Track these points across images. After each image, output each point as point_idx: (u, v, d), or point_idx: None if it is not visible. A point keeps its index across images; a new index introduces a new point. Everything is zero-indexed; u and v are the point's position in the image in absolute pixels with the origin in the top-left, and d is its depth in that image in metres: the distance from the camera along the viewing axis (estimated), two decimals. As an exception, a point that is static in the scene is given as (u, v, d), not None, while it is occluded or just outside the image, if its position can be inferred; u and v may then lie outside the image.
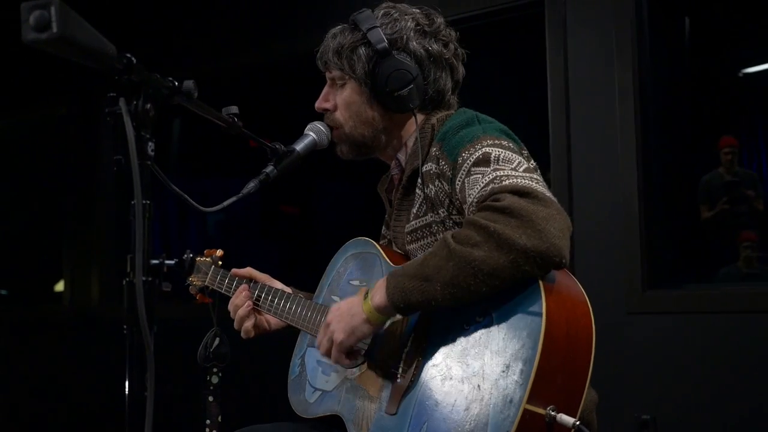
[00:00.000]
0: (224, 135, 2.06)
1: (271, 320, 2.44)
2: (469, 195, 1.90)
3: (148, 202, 1.50)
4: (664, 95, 3.86)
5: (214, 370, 2.44)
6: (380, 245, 2.22)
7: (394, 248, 2.26)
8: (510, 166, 1.88)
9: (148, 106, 1.51)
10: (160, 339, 1.49)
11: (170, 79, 1.62)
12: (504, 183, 1.81)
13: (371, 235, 2.31)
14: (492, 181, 1.85)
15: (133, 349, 1.48)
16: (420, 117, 2.21)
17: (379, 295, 1.88)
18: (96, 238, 5.73)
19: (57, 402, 5.84)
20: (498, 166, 1.88)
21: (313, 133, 2.26)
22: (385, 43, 2.14)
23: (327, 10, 4.52)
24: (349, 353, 2.02)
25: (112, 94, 1.50)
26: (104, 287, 5.67)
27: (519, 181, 1.81)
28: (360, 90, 2.21)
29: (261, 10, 4.99)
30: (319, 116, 2.31)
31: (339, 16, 2.31)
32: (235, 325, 2.40)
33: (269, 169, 2.16)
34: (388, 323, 1.99)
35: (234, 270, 2.49)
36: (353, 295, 2.06)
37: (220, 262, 2.54)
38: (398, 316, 1.96)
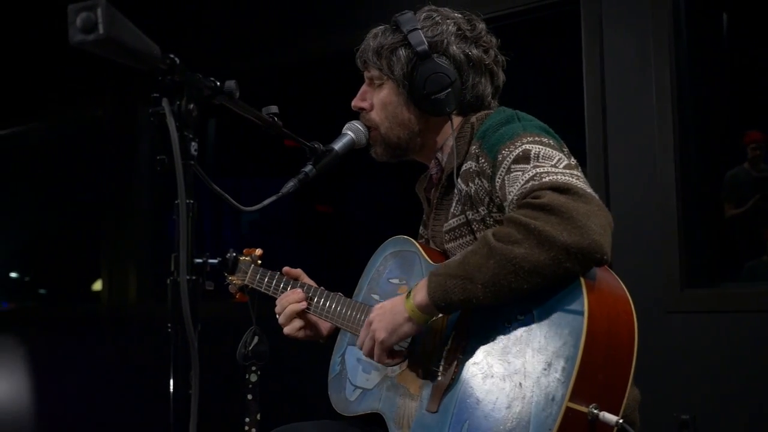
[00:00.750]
0: (260, 134, 2.07)
1: (323, 325, 2.45)
2: (509, 192, 1.90)
3: (192, 201, 1.51)
4: (701, 92, 3.82)
5: (253, 368, 2.45)
6: (419, 243, 2.22)
7: (432, 246, 2.27)
8: (550, 163, 1.88)
9: (191, 106, 1.53)
10: (200, 337, 1.50)
11: (212, 79, 1.64)
12: (544, 180, 1.81)
13: (406, 234, 2.31)
14: (532, 178, 1.84)
15: (177, 347, 1.49)
16: (457, 120, 2.21)
17: (421, 294, 1.88)
18: (133, 238, 5.78)
19: (96, 401, 5.89)
20: (538, 163, 1.88)
21: (351, 132, 2.27)
22: (425, 46, 2.14)
23: (368, 10, 4.52)
24: (391, 353, 2.03)
25: (155, 95, 1.51)
26: (141, 286, 5.71)
27: (559, 177, 1.81)
28: (397, 91, 2.22)
29: (301, 8, 5.00)
30: (357, 115, 2.32)
31: (380, 17, 2.31)
32: (282, 320, 2.40)
33: (308, 168, 2.17)
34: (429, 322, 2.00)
35: (286, 269, 2.50)
36: (392, 293, 2.06)
37: (260, 261, 2.55)
38: (440, 315, 1.95)
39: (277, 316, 2.42)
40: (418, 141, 2.26)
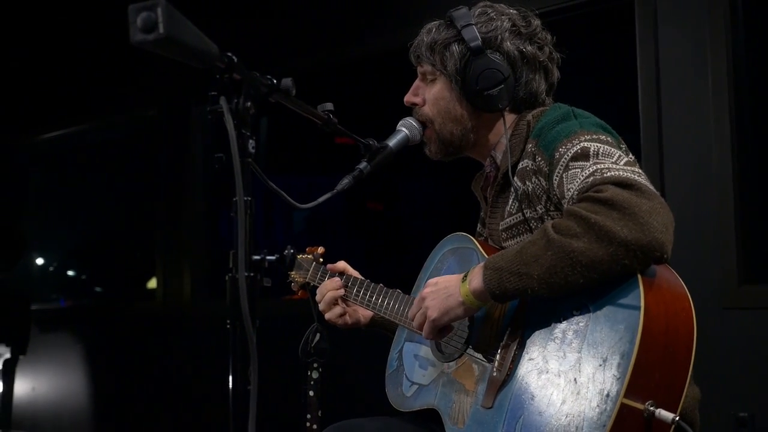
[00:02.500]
0: (310, 131, 2.08)
1: (363, 313, 2.49)
2: (568, 189, 1.89)
3: (250, 198, 1.52)
4: (759, 86, 3.77)
5: (315, 365, 2.48)
6: (478, 241, 2.22)
7: (491, 244, 2.26)
8: (610, 160, 1.86)
9: (249, 104, 1.54)
10: (259, 334, 1.51)
11: (269, 77, 1.65)
12: (606, 175, 1.80)
13: (459, 231, 2.31)
14: (593, 173, 1.83)
15: (236, 343, 1.51)
16: (511, 117, 2.20)
17: (476, 280, 1.89)
18: (187, 236, 5.84)
19: (153, 397, 5.96)
20: (598, 160, 1.87)
21: (405, 128, 2.27)
22: (479, 42, 2.14)
23: (423, 6, 4.51)
24: (441, 330, 2.04)
25: (212, 93, 1.53)
26: (196, 284, 5.77)
27: (621, 173, 1.80)
28: (450, 87, 2.21)
29: (356, 5, 5.02)
30: (410, 112, 2.32)
31: (435, 14, 2.31)
32: (323, 306, 2.45)
33: (363, 165, 2.18)
34: (483, 309, 2.01)
35: (329, 265, 2.53)
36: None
37: (321, 259, 2.58)
38: (494, 303, 1.95)
39: (318, 304, 2.47)
40: (472, 138, 2.26)
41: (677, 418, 1.69)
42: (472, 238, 2.23)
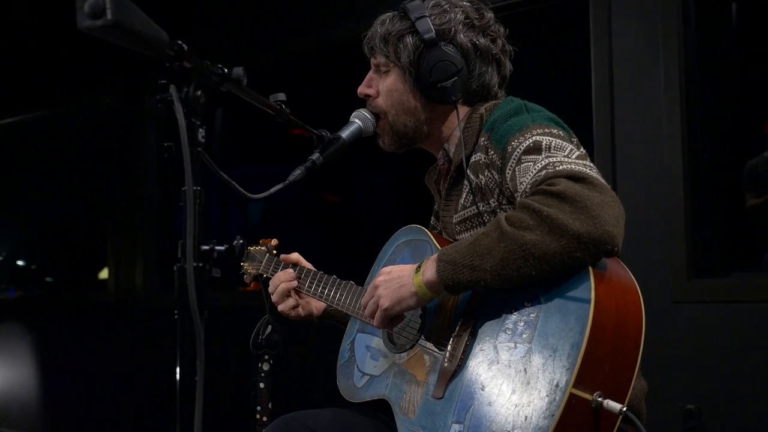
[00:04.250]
0: (267, 123, 2.07)
1: (315, 305, 2.48)
2: (521, 183, 1.90)
3: (199, 188, 1.50)
4: (710, 82, 3.81)
5: (266, 357, 2.47)
6: (432, 233, 2.22)
7: (445, 237, 2.27)
8: (562, 154, 1.88)
9: (199, 93, 1.52)
10: (210, 325, 1.50)
11: (220, 66, 1.63)
12: (558, 168, 1.81)
13: (413, 223, 2.31)
14: (545, 167, 1.84)
15: (184, 334, 1.50)
16: (464, 109, 2.21)
17: (430, 271, 1.89)
18: (140, 227, 5.79)
19: (103, 388, 5.91)
20: (550, 154, 1.88)
21: (359, 120, 2.27)
22: (433, 34, 2.14)
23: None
24: (393, 319, 2.05)
25: (162, 82, 1.51)
26: (148, 275, 5.73)
27: (573, 166, 1.81)
28: (403, 78, 2.21)
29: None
30: (364, 104, 2.32)
31: (389, 5, 2.30)
32: (275, 298, 2.45)
33: (315, 156, 2.17)
34: (436, 300, 2.01)
35: (283, 256, 2.53)
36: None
37: (275, 251, 2.57)
38: (447, 294, 1.95)
39: (271, 295, 2.46)
40: (425, 129, 2.26)
41: (625, 409, 1.70)
42: (426, 230, 2.24)
